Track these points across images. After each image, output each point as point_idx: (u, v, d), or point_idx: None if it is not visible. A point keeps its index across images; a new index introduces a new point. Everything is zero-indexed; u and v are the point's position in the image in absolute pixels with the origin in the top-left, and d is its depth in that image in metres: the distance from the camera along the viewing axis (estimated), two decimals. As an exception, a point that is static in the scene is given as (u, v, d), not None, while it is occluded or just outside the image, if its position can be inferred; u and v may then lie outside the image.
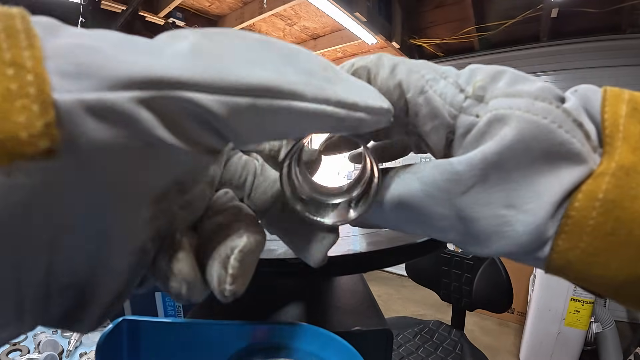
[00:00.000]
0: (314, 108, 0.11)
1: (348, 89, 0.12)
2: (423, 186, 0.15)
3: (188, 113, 0.10)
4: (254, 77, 0.10)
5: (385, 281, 2.92)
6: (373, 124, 0.13)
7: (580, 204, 0.12)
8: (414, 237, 0.25)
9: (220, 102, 0.10)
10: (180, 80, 0.10)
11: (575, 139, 0.13)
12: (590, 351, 1.80)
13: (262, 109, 0.11)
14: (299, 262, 0.20)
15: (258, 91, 0.10)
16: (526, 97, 0.13)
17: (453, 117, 0.14)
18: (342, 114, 0.12)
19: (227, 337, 0.19)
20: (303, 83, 0.11)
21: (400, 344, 1.05)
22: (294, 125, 0.12)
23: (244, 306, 0.28)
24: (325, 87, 0.12)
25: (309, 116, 0.11)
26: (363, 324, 0.24)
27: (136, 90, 0.09)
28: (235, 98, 0.10)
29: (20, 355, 0.82)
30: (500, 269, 1.04)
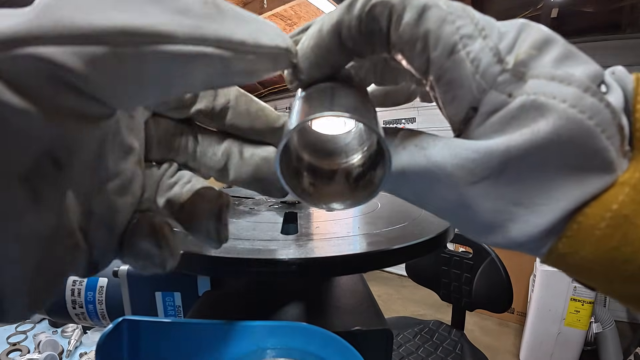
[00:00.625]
0: (188, 50, 0.10)
1: (233, 26, 0.11)
2: (429, 165, 0.13)
3: (37, 72, 0.09)
4: (108, 20, 0.09)
5: (385, 281, 2.92)
6: (269, 67, 0.12)
7: (591, 211, 0.11)
8: (414, 237, 0.25)
9: (72, 54, 0.09)
10: (17, 35, 0.08)
11: (613, 146, 0.11)
12: (590, 351, 1.80)
13: (124, 57, 0.09)
14: (299, 262, 0.20)
15: (115, 36, 0.09)
16: (575, 86, 0.11)
17: (481, 91, 0.12)
18: (227, 55, 0.10)
19: (227, 337, 0.19)
20: (173, 23, 0.10)
21: (400, 344, 1.05)
22: (171, 75, 0.10)
23: (245, 306, 0.28)
24: (202, 24, 0.10)
25: (185, 61, 0.10)
26: (363, 324, 0.24)
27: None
28: (89, 47, 0.09)
29: (20, 355, 0.82)
30: (500, 269, 1.04)
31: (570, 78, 0.11)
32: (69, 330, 0.90)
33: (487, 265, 1.08)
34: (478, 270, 1.09)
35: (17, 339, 0.88)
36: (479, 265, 1.09)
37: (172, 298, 0.35)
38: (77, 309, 0.40)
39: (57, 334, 0.90)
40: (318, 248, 0.22)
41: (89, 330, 0.91)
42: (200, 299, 0.30)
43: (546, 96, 0.11)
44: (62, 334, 0.90)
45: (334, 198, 0.15)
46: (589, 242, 0.11)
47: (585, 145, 0.11)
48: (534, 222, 0.12)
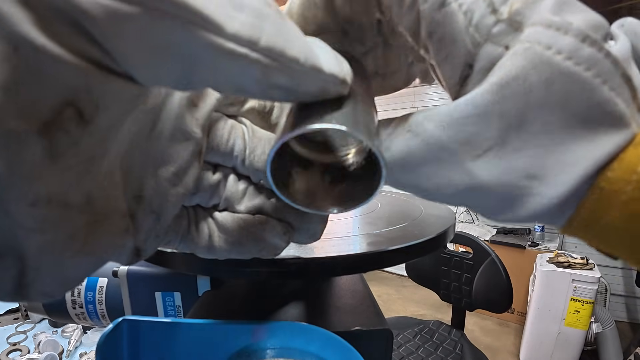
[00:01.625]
0: (230, 47, 0.09)
1: (289, 37, 0.10)
2: (427, 146, 0.12)
3: (58, 10, 0.08)
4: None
5: (385, 281, 2.92)
6: (315, 92, 0.11)
7: (615, 174, 0.10)
8: (414, 238, 0.25)
9: (98, 4, 0.08)
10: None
11: (620, 97, 0.10)
12: (590, 351, 1.80)
13: (155, 29, 0.08)
14: (299, 262, 0.20)
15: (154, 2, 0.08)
16: (573, 35, 0.10)
17: (476, 45, 0.11)
18: (273, 65, 0.09)
19: (227, 337, 0.19)
20: (225, 13, 0.09)
21: (400, 344, 1.05)
22: (204, 64, 0.09)
23: (245, 306, 0.28)
24: (256, 25, 0.09)
25: (226, 57, 0.09)
26: (363, 324, 0.24)
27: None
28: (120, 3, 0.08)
29: (20, 355, 0.82)
30: (500, 269, 1.04)
31: (568, 26, 0.10)
32: (69, 330, 0.90)
33: (487, 266, 1.08)
34: (478, 270, 1.09)
35: (17, 339, 0.88)
36: (479, 265, 1.09)
37: (172, 298, 0.35)
38: (77, 309, 0.40)
39: (57, 334, 0.90)
40: (318, 248, 0.22)
41: (89, 330, 0.91)
42: (200, 299, 0.30)
43: (541, 46, 0.10)
44: (62, 334, 0.90)
45: (329, 201, 0.15)
46: (614, 208, 0.11)
47: (586, 99, 0.10)
48: (551, 194, 0.11)
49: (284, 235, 0.17)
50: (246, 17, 0.09)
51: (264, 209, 0.17)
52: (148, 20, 0.08)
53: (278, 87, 0.10)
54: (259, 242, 0.17)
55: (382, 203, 0.39)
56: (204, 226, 0.17)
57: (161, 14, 0.08)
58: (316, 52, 0.10)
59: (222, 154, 0.16)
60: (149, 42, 0.08)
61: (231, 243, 0.17)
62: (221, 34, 0.09)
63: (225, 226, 0.17)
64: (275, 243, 0.17)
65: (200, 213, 0.17)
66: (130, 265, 0.35)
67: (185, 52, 0.09)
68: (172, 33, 0.08)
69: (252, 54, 0.09)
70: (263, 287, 0.30)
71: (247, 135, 0.16)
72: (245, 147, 0.16)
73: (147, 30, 0.08)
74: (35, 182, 0.09)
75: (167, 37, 0.08)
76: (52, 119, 0.09)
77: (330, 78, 0.11)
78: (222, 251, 0.17)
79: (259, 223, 0.17)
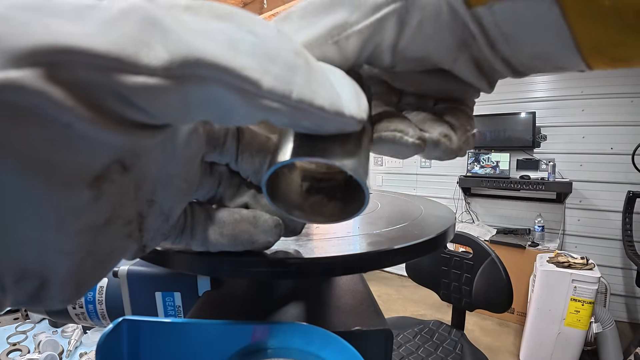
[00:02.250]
0: (266, 104, 0.10)
1: (317, 87, 0.10)
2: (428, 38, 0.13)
3: (105, 88, 0.09)
4: (193, 50, 0.09)
5: (385, 281, 2.92)
6: (335, 130, 0.12)
7: None
8: (414, 238, 0.25)
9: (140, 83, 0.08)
10: (95, 52, 0.08)
11: None
12: (590, 351, 1.80)
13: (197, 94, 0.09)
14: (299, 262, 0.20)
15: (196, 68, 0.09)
16: None
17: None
18: (301, 116, 0.10)
19: (227, 337, 0.19)
20: (260, 68, 0.09)
21: (400, 344, 1.05)
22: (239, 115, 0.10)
23: (245, 306, 0.28)
24: (288, 79, 0.10)
25: (260, 109, 0.10)
26: (363, 324, 0.24)
27: (44, 65, 0.08)
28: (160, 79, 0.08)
29: (20, 355, 0.82)
30: (500, 269, 1.04)
31: None
32: (69, 330, 0.90)
33: (487, 266, 1.08)
34: (478, 270, 1.10)
35: (17, 339, 0.88)
36: (479, 265, 1.09)
37: (172, 298, 0.35)
38: (77, 309, 0.40)
39: (57, 334, 0.90)
40: (318, 248, 0.22)
41: (89, 330, 0.91)
42: (201, 299, 0.30)
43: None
44: (62, 334, 0.90)
45: (323, 213, 0.16)
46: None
47: None
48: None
49: (275, 228, 0.18)
50: (280, 70, 0.10)
51: (255, 204, 0.19)
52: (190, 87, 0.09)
53: (302, 127, 0.11)
54: (251, 235, 0.18)
55: (382, 203, 0.39)
56: (199, 221, 0.17)
57: (202, 81, 0.09)
58: (339, 94, 0.11)
59: (218, 153, 0.17)
60: (192, 104, 0.09)
61: (225, 236, 0.18)
62: (258, 91, 0.09)
63: (220, 220, 0.18)
64: (267, 237, 0.18)
65: (197, 208, 0.17)
66: (131, 265, 0.35)
67: (224, 106, 0.10)
68: (214, 94, 0.09)
69: (284, 107, 0.10)
70: (263, 287, 0.30)
71: (240, 134, 0.17)
72: (238, 146, 0.17)
73: (191, 95, 0.09)
74: (80, 220, 0.11)
75: (209, 97, 0.09)
76: (101, 174, 0.10)
77: (350, 120, 0.11)
78: (216, 244, 0.18)
79: (252, 217, 0.18)
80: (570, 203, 2.35)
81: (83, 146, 0.09)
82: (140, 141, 0.10)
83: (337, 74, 0.12)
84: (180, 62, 0.08)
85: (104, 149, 0.10)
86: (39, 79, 0.08)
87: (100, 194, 0.11)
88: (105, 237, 0.12)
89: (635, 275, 1.91)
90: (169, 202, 0.15)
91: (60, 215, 0.10)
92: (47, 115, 0.08)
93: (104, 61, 0.08)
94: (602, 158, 2.26)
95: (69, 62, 0.08)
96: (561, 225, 2.36)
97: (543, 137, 2.45)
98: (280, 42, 0.10)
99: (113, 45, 0.08)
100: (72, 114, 0.08)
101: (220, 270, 0.20)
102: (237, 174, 0.18)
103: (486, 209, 2.75)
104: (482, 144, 2.63)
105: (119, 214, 0.12)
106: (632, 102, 2.14)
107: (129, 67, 0.08)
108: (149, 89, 0.09)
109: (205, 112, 0.10)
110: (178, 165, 0.14)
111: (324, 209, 0.16)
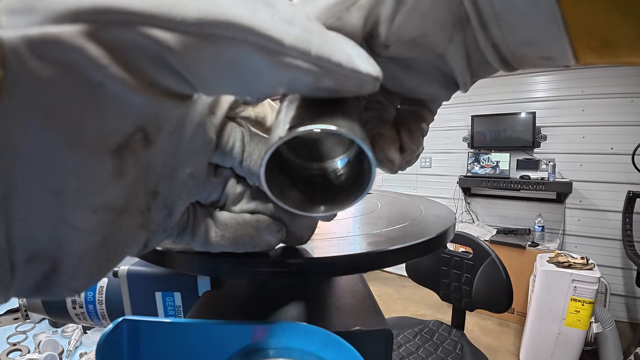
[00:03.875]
0: (289, 61, 0.10)
1: (333, 46, 0.11)
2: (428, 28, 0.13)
3: (142, 49, 0.09)
4: (221, 12, 0.09)
5: (385, 281, 2.92)
6: (354, 90, 0.12)
7: None
8: (414, 238, 0.25)
9: (180, 39, 0.09)
10: (133, 10, 0.08)
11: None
12: (590, 351, 1.80)
13: (226, 54, 0.10)
14: (299, 262, 0.20)
15: (225, 29, 0.09)
16: None
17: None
18: (322, 72, 0.11)
19: (227, 337, 0.19)
20: (282, 30, 0.10)
21: (400, 344, 1.05)
22: (265, 77, 0.11)
23: (244, 306, 0.28)
24: (307, 38, 0.10)
25: (284, 68, 0.10)
26: (363, 324, 0.24)
27: (84, 22, 0.08)
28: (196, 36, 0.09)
29: (20, 355, 0.82)
30: (500, 269, 1.04)
31: None
32: (69, 330, 0.90)
33: (487, 266, 1.08)
34: (478, 270, 1.09)
35: (17, 339, 0.88)
36: (479, 265, 1.09)
37: (172, 298, 0.35)
38: (77, 309, 0.40)
39: (57, 334, 0.90)
40: (318, 248, 0.22)
41: (89, 330, 0.91)
42: (200, 299, 0.30)
43: None
44: (62, 334, 0.90)
45: (322, 203, 0.15)
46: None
47: None
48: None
49: (277, 232, 0.19)
50: (298, 31, 0.10)
51: (259, 210, 0.18)
52: (220, 47, 0.09)
53: (324, 89, 0.12)
54: (253, 239, 0.18)
55: (382, 203, 0.39)
56: (201, 222, 0.17)
57: (230, 41, 0.09)
58: (353, 56, 0.12)
59: (222, 155, 0.17)
60: (221, 65, 0.10)
61: (227, 239, 0.18)
62: (281, 48, 0.10)
63: (222, 223, 0.18)
64: (269, 240, 0.18)
65: (199, 209, 0.17)
66: (131, 265, 0.35)
67: (251, 68, 0.10)
68: (241, 54, 0.10)
69: (305, 64, 0.10)
70: (263, 287, 0.30)
71: (245, 138, 0.17)
72: (244, 149, 0.17)
73: (220, 55, 0.10)
74: (100, 194, 0.11)
75: (237, 58, 0.10)
76: (124, 142, 0.11)
77: (367, 77, 0.12)
78: (217, 246, 0.18)
79: (255, 221, 0.18)
80: (570, 203, 2.35)
81: (111, 108, 0.10)
82: (165, 109, 0.11)
83: (348, 41, 0.13)
84: (211, 21, 0.09)
85: (130, 113, 0.10)
86: (78, 36, 0.08)
87: (122, 169, 0.11)
88: (120, 224, 0.12)
89: (635, 275, 1.91)
90: (172, 195, 0.15)
91: (81, 183, 0.10)
92: (81, 73, 0.09)
93: (141, 18, 0.09)
94: (602, 158, 2.26)
95: (108, 21, 0.08)
96: (561, 225, 2.36)
97: (543, 137, 2.45)
98: (294, 9, 0.11)
99: (149, 4, 0.09)
100: (106, 72, 0.09)
101: (220, 271, 0.20)
102: (242, 180, 0.18)
103: (486, 209, 2.74)
104: (482, 144, 2.63)
105: (134, 202, 0.12)
106: (632, 102, 2.14)
107: (165, 24, 0.09)
108: (181, 45, 0.09)
109: (232, 77, 0.10)
110: (183, 158, 0.14)
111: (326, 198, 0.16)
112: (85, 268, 0.12)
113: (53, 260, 0.11)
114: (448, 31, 0.14)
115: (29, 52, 0.08)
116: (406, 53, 0.15)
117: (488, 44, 0.14)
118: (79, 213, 0.11)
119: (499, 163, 2.55)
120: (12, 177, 0.09)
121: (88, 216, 0.11)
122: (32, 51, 0.08)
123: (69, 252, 0.11)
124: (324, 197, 0.16)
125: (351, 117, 0.13)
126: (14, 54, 0.08)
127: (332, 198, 0.15)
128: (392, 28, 0.14)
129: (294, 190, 0.16)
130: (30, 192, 0.10)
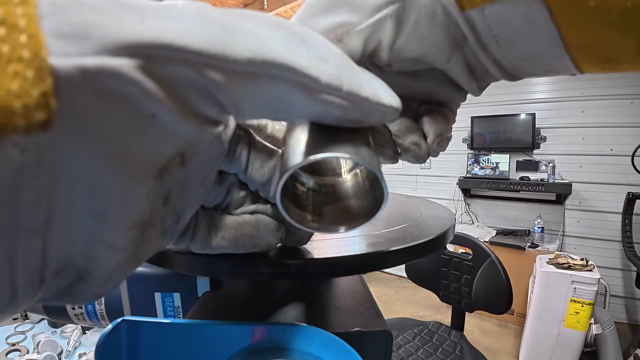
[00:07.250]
0: (323, 97, 0.11)
1: (361, 81, 0.12)
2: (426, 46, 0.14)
3: (194, 83, 0.10)
4: (267, 51, 0.10)
5: (385, 282, 2.91)
6: (377, 120, 0.13)
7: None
8: (413, 239, 0.25)
9: (225, 77, 0.10)
10: (190, 49, 0.09)
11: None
12: (590, 352, 1.79)
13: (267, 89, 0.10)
14: (299, 263, 0.20)
15: (271, 68, 0.10)
16: None
17: None
18: (351, 107, 0.12)
19: (227, 337, 0.19)
20: (317, 67, 0.11)
21: (399, 345, 1.05)
22: (299, 110, 0.12)
23: (244, 307, 0.28)
24: (340, 75, 0.11)
25: (318, 103, 0.11)
26: (362, 325, 0.24)
27: (140, 56, 0.08)
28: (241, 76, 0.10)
29: (19, 355, 0.82)
30: (500, 270, 1.04)
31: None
32: (68, 330, 0.90)
33: (487, 267, 1.08)
34: (478, 271, 1.09)
35: (16, 339, 0.88)
36: (479, 266, 1.09)
37: (171, 299, 0.35)
38: (76, 309, 0.40)
39: (56, 334, 0.90)
40: (317, 249, 0.22)
41: (88, 331, 0.90)
42: (200, 300, 0.30)
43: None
44: (61, 335, 0.90)
45: (335, 221, 0.16)
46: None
47: None
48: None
49: (277, 231, 0.19)
50: (332, 69, 0.11)
51: (259, 210, 0.19)
52: (263, 83, 0.10)
53: (350, 120, 0.12)
54: (253, 239, 0.18)
55: (381, 204, 0.39)
56: (202, 225, 0.17)
57: (273, 78, 0.10)
58: (377, 88, 0.12)
59: (229, 162, 0.17)
60: (261, 98, 0.11)
61: (227, 239, 0.18)
62: (317, 86, 0.11)
63: (222, 223, 0.18)
64: (269, 239, 0.19)
65: (200, 212, 0.18)
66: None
67: (288, 101, 0.11)
68: (280, 90, 0.11)
69: (337, 99, 0.11)
70: (262, 288, 0.30)
71: (250, 143, 0.17)
72: (248, 157, 0.17)
73: (261, 90, 0.10)
74: (136, 213, 0.11)
75: (276, 93, 0.11)
76: (164, 166, 0.11)
77: (390, 109, 0.13)
78: (217, 247, 0.18)
79: (254, 220, 0.18)
80: (570, 204, 2.35)
81: (159, 137, 0.10)
82: (203, 134, 0.12)
83: (370, 74, 0.13)
84: (260, 61, 0.10)
85: (175, 140, 0.11)
86: (135, 70, 0.08)
87: (159, 190, 0.11)
88: (149, 237, 0.12)
89: (635, 277, 1.91)
90: (182, 203, 0.15)
91: (124, 206, 0.10)
92: (136, 105, 0.09)
93: (197, 57, 0.09)
94: (602, 159, 2.26)
95: (165, 57, 0.09)
96: (561, 226, 2.36)
97: (543, 139, 2.45)
98: (326, 46, 0.12)
99: (204, 43, 0.09)
100: (160, 105, 0.09)
101: (220, 271, 0.20)
102: (245, 186, 0.18)
103: (486, 210, 2.74)
104: (482, 145, 2.63)
105: (158, 213, 0.13)
106: (631, 104, 2.14)
107: (218, 63, 0.09)
108: (230, 82, 0.10)
109: (267, 107, 0.11)
110: (196, 167, 0.14)
111: (339, 216, 0.16)
112: (115, 280, 0.12)
113: (80, 272, 0.11)
114: (446, 52, 0.15)
115: (84, 83, 0.08)
116: (409, 68, 0.16)
117: (489, 61, 0.15)
118: (116, 233, 0.11)
119: (498, 164, 2.55)
120: (56, 202, 0.09)
121: (124, 235, 0.11)
122: (87, 82, 0.08)
123: (102, 267, 0.11)
124: (332, 213, 0.16)
125: (362, 140, 0.14)
126: (69, 84, 0.08)
127: (344, 214, 0.16)
128: (392, 52, 0.15)
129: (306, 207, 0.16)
130: (72, 215, 0.10)
